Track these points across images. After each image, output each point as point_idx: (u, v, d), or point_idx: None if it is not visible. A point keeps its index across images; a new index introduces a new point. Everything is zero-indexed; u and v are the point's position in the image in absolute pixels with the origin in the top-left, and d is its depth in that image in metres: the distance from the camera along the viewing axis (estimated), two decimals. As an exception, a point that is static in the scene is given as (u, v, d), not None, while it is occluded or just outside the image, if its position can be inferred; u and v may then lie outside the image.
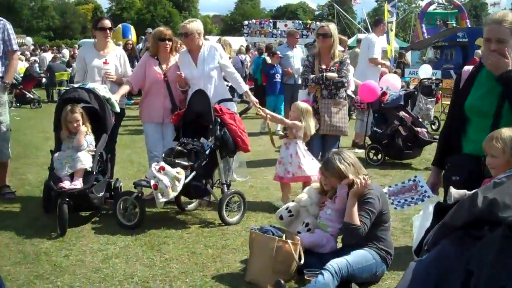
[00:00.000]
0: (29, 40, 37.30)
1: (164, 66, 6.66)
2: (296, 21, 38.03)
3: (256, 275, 4.39)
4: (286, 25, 33.68)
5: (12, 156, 7.18)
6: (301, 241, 4.43)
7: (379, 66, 10.79)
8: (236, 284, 4.37)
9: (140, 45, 18.98)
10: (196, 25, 6.56)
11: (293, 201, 5.00)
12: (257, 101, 6.78)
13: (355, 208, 4.26)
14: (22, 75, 19.20)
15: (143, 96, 6.97)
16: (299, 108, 6.45)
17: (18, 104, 17.28)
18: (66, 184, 5.59)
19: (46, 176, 6.02)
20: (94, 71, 6.63)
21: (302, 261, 4.35)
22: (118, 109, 6.31)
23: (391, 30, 14.82)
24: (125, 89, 6.58)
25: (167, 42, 6.61)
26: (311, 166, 6.39)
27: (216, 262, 4.82)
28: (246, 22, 35.43)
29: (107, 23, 6.78)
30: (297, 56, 12.30)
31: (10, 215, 6.07)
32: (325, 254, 4.44)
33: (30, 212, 6.16)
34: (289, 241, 4.36)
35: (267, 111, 6.95)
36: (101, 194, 5.80)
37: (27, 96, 17.35)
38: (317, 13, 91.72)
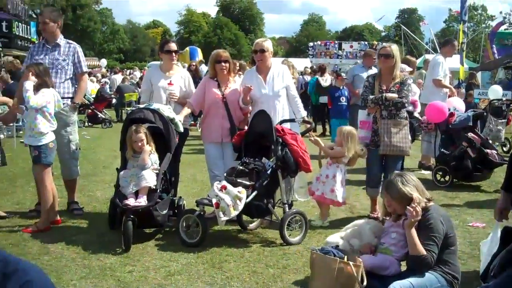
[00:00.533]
0: (103, 62, 38.86)
1: (223, 88, 6.75)
2: (362, 42, 37.58)
3: (317, 296, 4.33)
4: (351, 46, 33.45)
5: (81, 174, 7.42)
6: (364, 263, 4.34)
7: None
8: (295, 305, 4.33)
9: (206, 67, 19.31)
10: (270, 44, 6.79)
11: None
12: (313, 126, 6.85)
13: (416, 239, 4.10)
14: (93, 96, 19.92)
15: (203, 117, 7.11)
16: (342, 133, 6.58)
17: (90, 124, 17.93)
18: (131, 201, 5.73)
19: (113, 193, 6.19)
20: (160, 91, 6.81)
21: (365, 284, 4.24)
22: (182, 129, 6.43)
23: (463, 50, 14.37)
24: (187, 110, 6.71)
25: (222, 64, 6.70)
26: (343, 193, 6.53)
27: (277, 282, 4.80)
28: (311, 44, 35.41)
29: (173, 46, 6.94)
30: (371, 77, 11.98)
31: (77, 231, 6.27)
32: (388, 277, 4.32)
33: (96, 228, 6.34)
34: (351, 262, 4.27)
35: (315, 137, 6.91)
36: (164, 212, 5.90)
37: (99, 116, 18.04)
38: (383, 34, 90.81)
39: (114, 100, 21.22)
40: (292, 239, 5.86)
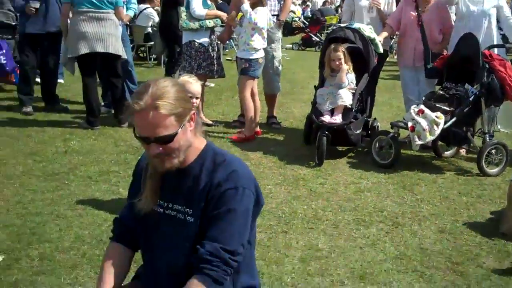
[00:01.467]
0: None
1: (420, 9, 6.43)
2: None
3: (512, 228, 4.15)
4: None
5: (280, 92, 7.72)
6: None
7: None
8: (487, 233, 4.20)
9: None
10: None
11: None
12: None
13: None
14: (298, 18, 19.96)
15: (398, 39, 6.91)
16: None
17: (303, 47, 18.15)
18: (327, 118, 5.88)
19: (309, 111, 6.39)
20: (362, 11, 6.74)
21: None
22: (381, 50, 6.34)
23: None
24: (385, 34, 6.56)
25: None
26: None
27: (469, 210, 4.68)
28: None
29: None
30: None
31: (274, 142, 6.65)
32: None
33: (292, 141, 6.65)
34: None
35: None
36: (358, 131, 5.97)
37: (313, 39, 18.10)
38: None
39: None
40: (490, 170, 5.59)
